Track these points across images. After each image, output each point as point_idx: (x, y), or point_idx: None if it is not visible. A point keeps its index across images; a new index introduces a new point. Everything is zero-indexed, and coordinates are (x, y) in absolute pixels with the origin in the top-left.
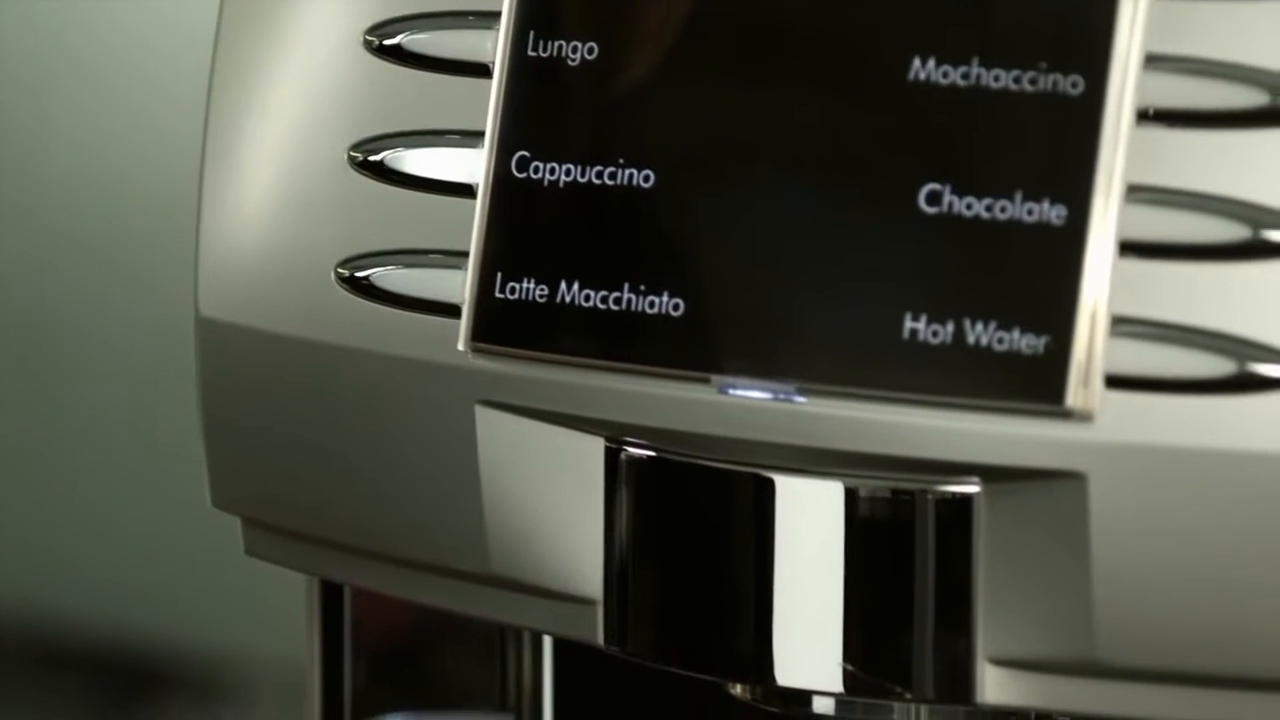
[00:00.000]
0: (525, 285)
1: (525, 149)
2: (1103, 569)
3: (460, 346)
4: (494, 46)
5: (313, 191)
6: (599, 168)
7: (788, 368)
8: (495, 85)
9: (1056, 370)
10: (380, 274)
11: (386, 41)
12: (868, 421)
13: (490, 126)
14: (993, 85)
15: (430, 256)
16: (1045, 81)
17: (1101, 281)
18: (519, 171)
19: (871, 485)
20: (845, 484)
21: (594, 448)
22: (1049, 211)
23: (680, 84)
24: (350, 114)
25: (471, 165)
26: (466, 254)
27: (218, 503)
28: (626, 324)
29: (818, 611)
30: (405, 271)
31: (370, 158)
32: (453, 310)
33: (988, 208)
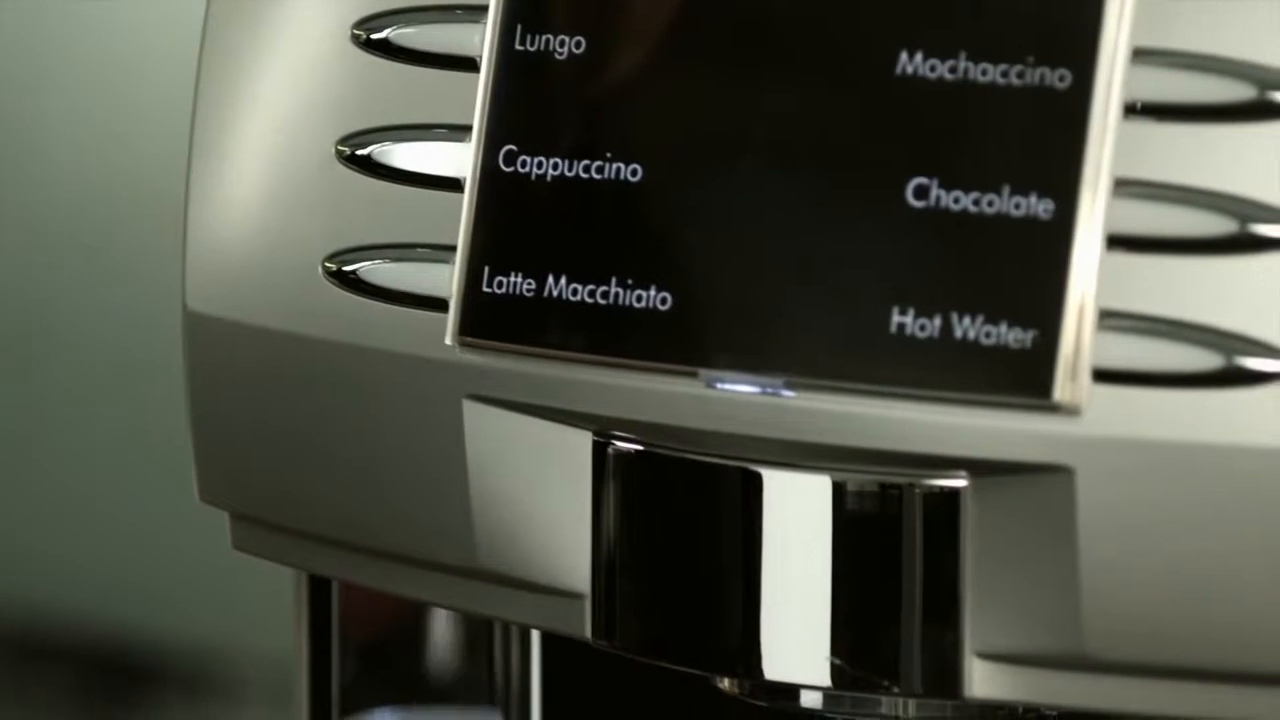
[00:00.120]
0: (513, 279)
1: (513, 143)
2: (1090, 563)
3: (448, 340)
4: (482, 41)
5: (300, 185)
6: (586, 162)
7: (775, 362)
8: (483, 79)
9: (1044, 364)
10: (368, 268)
11: (374, 36)
12: (855, 415)
13: (478, 121)
14: (980, 79)
15: (418, 250)
16: (1033, 75)
17: (1089, 275)
18: (506, 166)
19: (859, 479)
20: (833, 478)
21: (582, 442)
22: (1036, 205)
23: (668, 78)
24: (338, 108)
25: (459, 159)
26: (454, 248)
27: (205, 497)
28: (614, 318)
29: (805, 606)
30: (393, 266)
31: (358, 152)
32: (440, 304)
33: (975, 202)
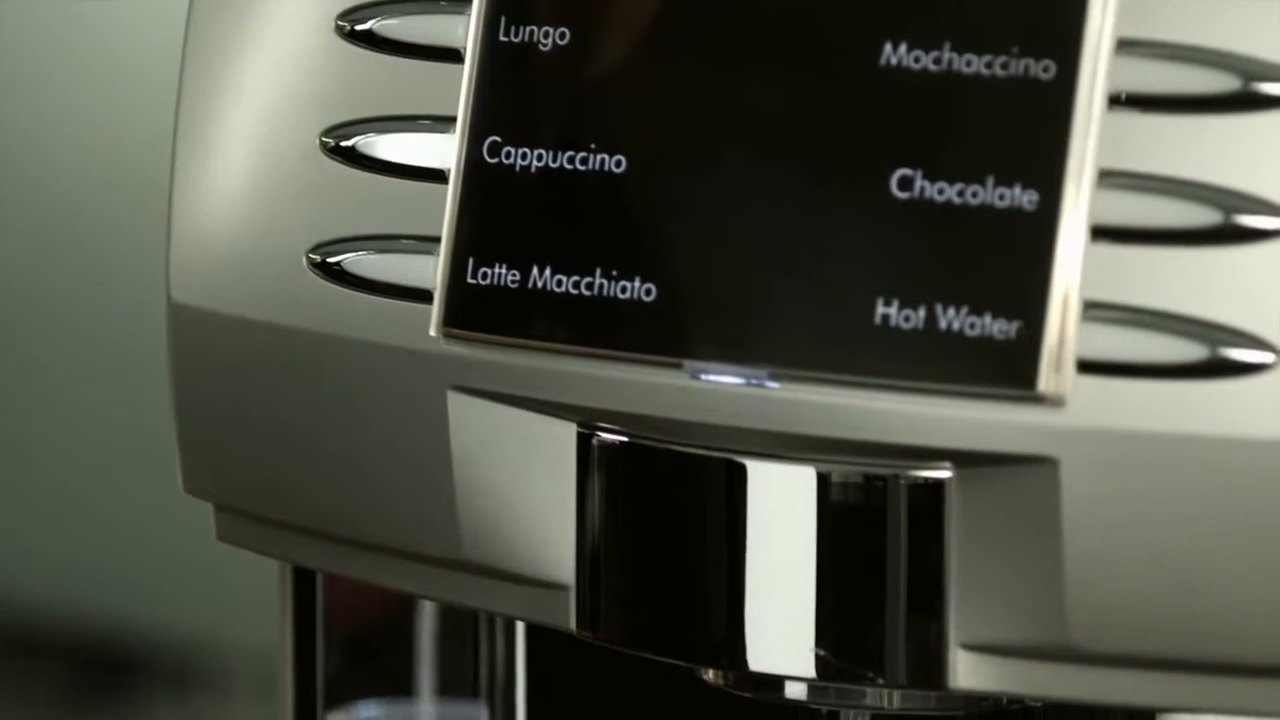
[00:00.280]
0: (497, 270)
1: (497, 134)
2: (1074, 554)
3: (432, 332)
4: (466, 32)
5: (284, 177)
6: (571, 153)
7: (760, 353)
8: (467, 71)
9: (1028, 355)
10: (352, 259)
11: (358, 27)
12: (840, 407)
13: (462, 112)
14: (964, 70)
15: (402, 242)
16: (1017, 66)
17: (1073, 266)
18: (491, 157)
19: (844, 470)
20: (817, 469)
21: (566, 433)
22: (1021, 197)
23: (652, 69)
24: (322, 99)
25: (443, 151)
26: (438, 239)
27: (189, 488)
28: (598, 309)
29: (790, 597)
30: (377, 257)
31: (342, 143)
32: (425, 296)
33: (959, 193)
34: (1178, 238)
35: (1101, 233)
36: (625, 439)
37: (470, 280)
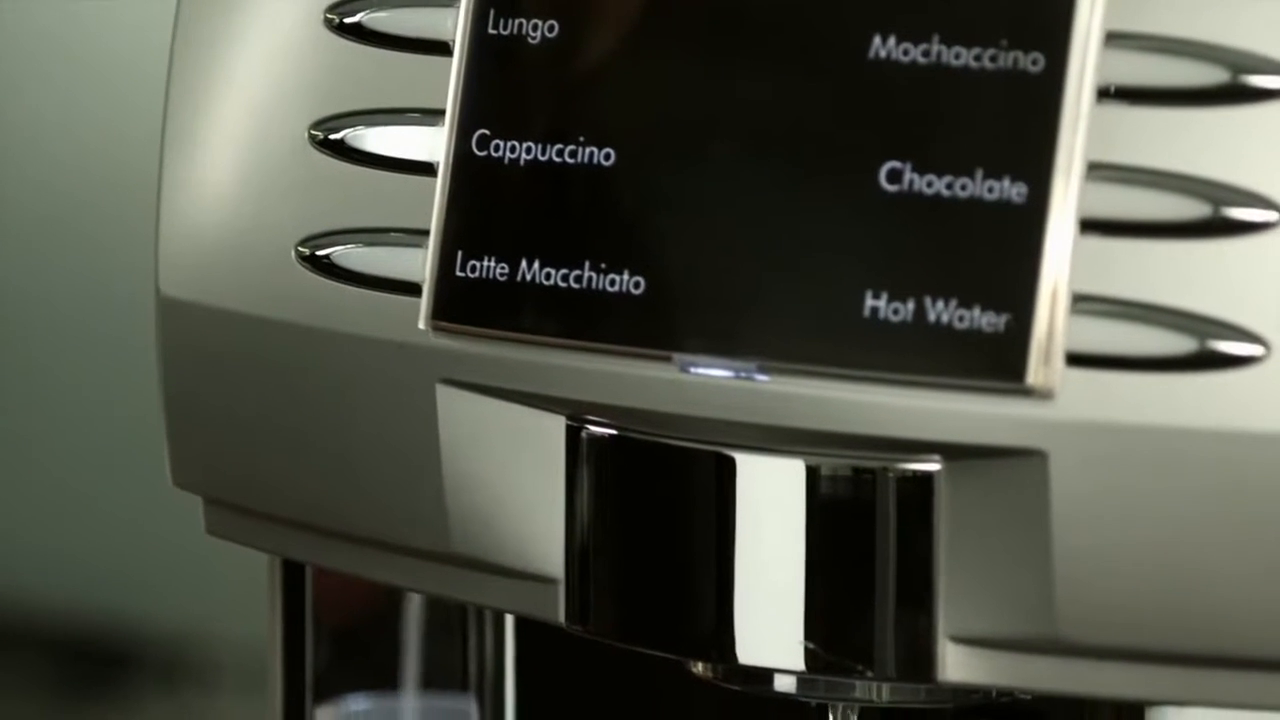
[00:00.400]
0: (486, 264)
1: (486, 127)
2: (1063, 547)
3: (421, 325)
4: (455, 25)
5: (273, 170)
6: (559, 146)
7: (749, 346)
8: (456, 63)
9: (1017, 348)
10: (341, 253)
11: (347, 19)
12: (829, 400)
13: (451, 105)
14: (953, 63)
15: (391, 235)
16: (1006, 59)
17: (1062, 259)
18: (479, 150)
19: (833, 463)
20: (806, 462)
21: (555, 426)
22: (1009, 189)
23: (641, 62)
24: (311, 92)
25: (432, 144)
26: (427, 232)
27: (178, 482)
28: (587, 302)
29: (779, 590)
30: (366, 250)
31: (331, 136)
32: (413, 289)
33: (948, 186)
34: (1167, 230)
35: (1090, 225)
36: (614, 432)
37: (459, 273)
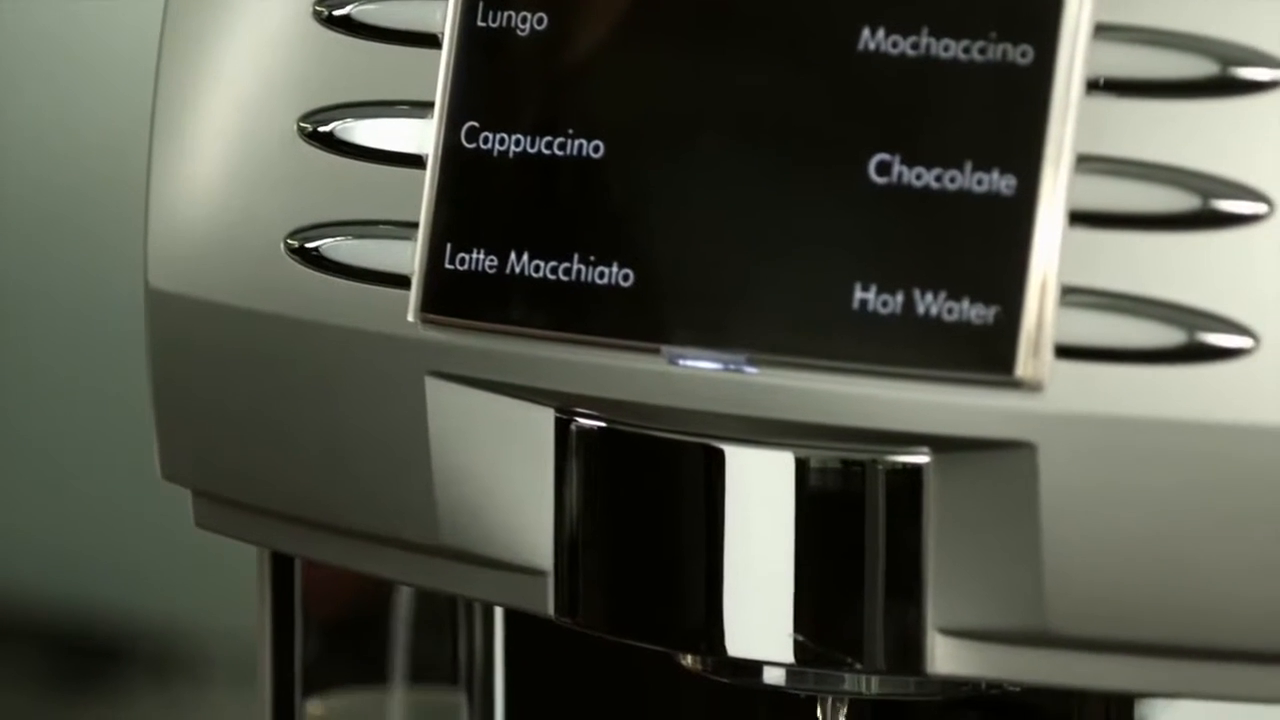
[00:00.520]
0: (475, 256)
1: (475, 120)
2: (1052, 539)
3: (410, 317)
4: (444, 17)
5: (262, 163)
6: (549, 138)
7: (738, 338)
8: (445, 56)
9: (1006, 340)
10: (330, 245)
11: (336, 12)
12: (818, 392)
13: (440, 97)
14: (942, 55)
15: (380, 227)
16: (995, 51)
17: (1051, 251)
18: (469, 142)
19: (822, 456)
20: (795, 454)
21: (544, 418)
22: (999, 182)
23: (630, 55)
24: (300, 85)
25: (421, 136)
26: (416, 225)
27: (167, 475)
28: (576, 295)
29: (768, 582)
30: (355, 243)
31: (320, 129)
32: (403, 281)
33: (937, 178)
34: (1156, 222)
35: (1079, 217)
36: (603, 424)
37: (448, 266)
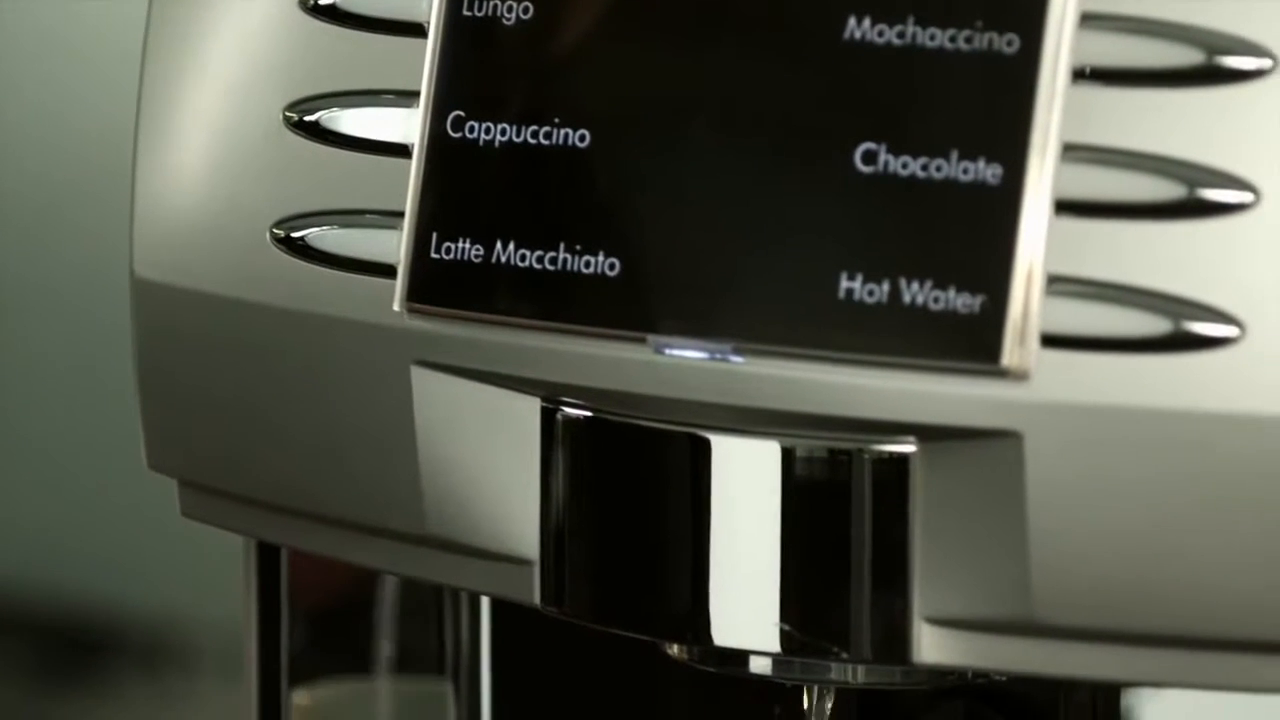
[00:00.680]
0: (461, 245)
1: (461, 109)
2: (1039, 528)
3: (396, 307)
4: (429, 6)
5: (247, 152)
6: (534, 128)
7: (724, 327)
8: (430, 45)
9: (992, 329)
10: (315, 234)
11: (321, 1)
12: (804, 381)
13: (425, 86)
14: (928, 44)
15: (366, 217)
16: (981, 40)
17: (1037, 241)
18: (454, 131)
19: (808, 445)
20: (782, 444)
21: (530, 408)
22: (984, 171)
23: (616, 44)
24: (285, 74)
25: (407, 125)
26: (402, 214)
27: (153, 464)
28: (562, 284)
29: (754, 571)
30: (340, 232)
31: (305, 118)
32: (388, 270)
33: (923, 167)
34: (1142, 212)
35: (1065, 207)
36: (589, 414)
37: (434, 255)
